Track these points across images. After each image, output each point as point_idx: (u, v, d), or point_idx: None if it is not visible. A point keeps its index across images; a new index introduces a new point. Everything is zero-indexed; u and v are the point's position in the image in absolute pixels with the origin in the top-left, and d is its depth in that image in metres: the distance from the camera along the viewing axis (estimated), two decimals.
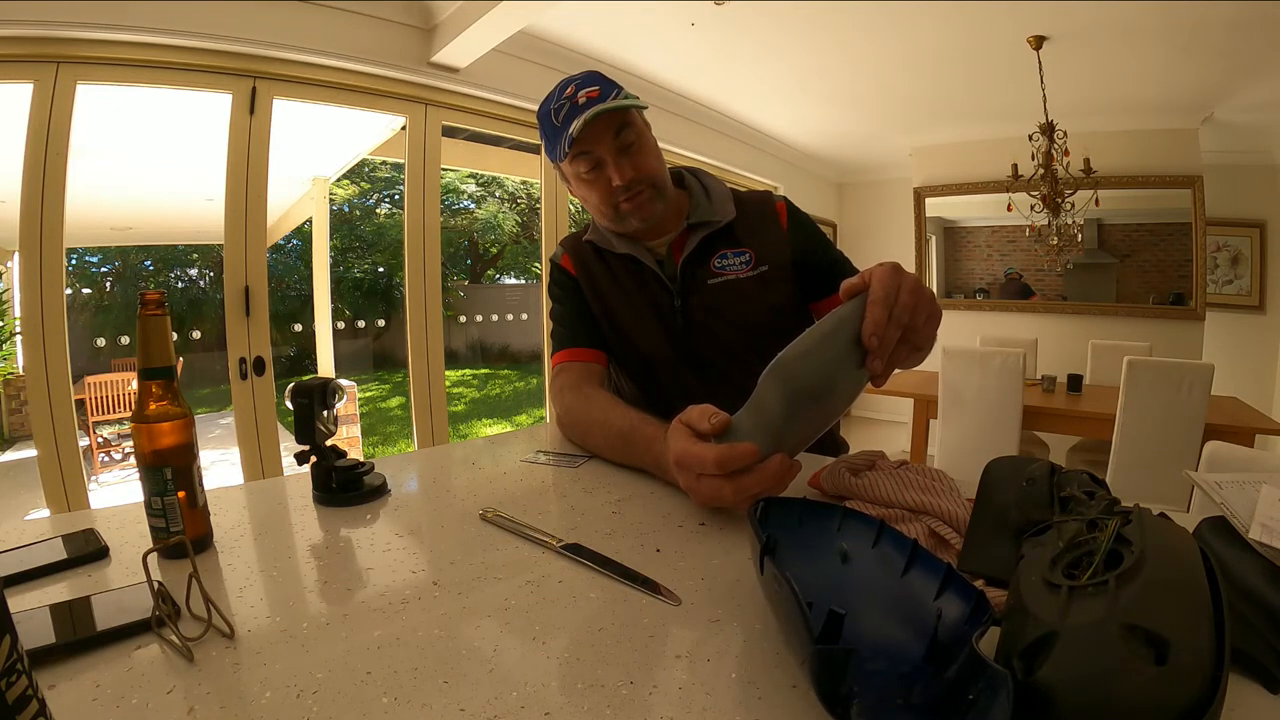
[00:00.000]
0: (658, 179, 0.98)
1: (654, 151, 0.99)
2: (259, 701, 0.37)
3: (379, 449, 6.59)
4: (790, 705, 0.36)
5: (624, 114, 0.94)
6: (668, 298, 1.01)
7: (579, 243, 1.10)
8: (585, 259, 1.08)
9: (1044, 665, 0.31)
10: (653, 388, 1.04)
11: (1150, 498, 2.51)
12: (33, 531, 0.61)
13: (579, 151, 0.93)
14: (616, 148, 0.94)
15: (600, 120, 0.91)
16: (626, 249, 1.03)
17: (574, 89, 0.93)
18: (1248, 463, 0.94)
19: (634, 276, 1.03)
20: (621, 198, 0.96)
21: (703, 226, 1.01)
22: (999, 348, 3.09)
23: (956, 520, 0.56)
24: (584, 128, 0.89)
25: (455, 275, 9.92)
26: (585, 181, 0.97)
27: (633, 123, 0.95)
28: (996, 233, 4.57)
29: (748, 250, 1.01)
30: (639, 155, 0.95)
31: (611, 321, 1.05)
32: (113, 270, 7.22)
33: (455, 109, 2.79)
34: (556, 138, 0.94)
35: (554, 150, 0.96)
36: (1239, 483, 0.50)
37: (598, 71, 0.97)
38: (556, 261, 1.10)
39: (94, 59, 1.93)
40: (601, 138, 0.92)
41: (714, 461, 0.59)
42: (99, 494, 4.09)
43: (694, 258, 1.00)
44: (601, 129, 0.92)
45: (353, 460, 0.72)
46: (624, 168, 0.94)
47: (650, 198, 0.97)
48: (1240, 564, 0.42)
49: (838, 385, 0.61)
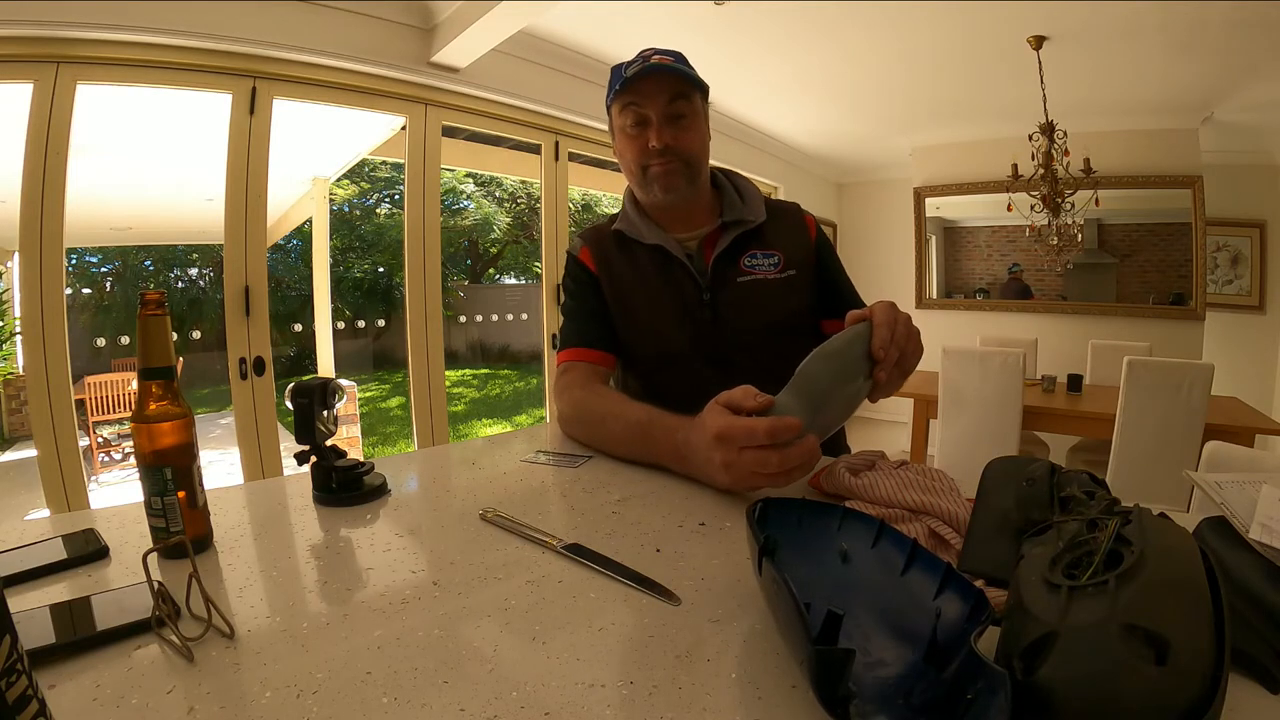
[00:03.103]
0: (693, 160, 1.00)
1: (700, 135, 1.01)
2: (259, 701, 0.37)
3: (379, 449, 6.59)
4: (790, 705, 0.36)
5: (682, 85, 0.97)
6: (696, 291, 1.01)
7: (603, 233, 1.09)
8: (607, 250, 1.07)
9: (1044, 665, 0.31)
10: (665, 383, 1.04)
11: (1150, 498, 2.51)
12: (33, 531, 0.61)
13: (628, 102, 0.97)
14: (666, 113, 0.97)
15: (657, 80, 0.95)
16: (656, 239, 1.03)
17: (652, 51, 0.97)
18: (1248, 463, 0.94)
19: (660, 268, 1.03)
20: (653, 161, 0.98)
21: (736, 225, 1.03)
22: (999, 348, 3.09)
23: (956, 520, 0.56)
24: (639, 80, 0.94)
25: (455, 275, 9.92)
26: (627, 136, 1.00)
27: (689, 99, 0.98)
28: (996, 233, 4.57)
29: (777, 253, 1.03)
30: (683, 130, 0.98)
31: (629, 314, 1.04)
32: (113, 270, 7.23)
33: (455, 109, 2.79)
34: (614, 83, 0.98)
35: (609, 94, 1.00)
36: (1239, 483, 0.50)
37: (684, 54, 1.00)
38: (574, 255, 1.09)
39: (94, 59, 1.93)
40: (654, 98, 0.96)
41: (765, 431, 0.62)
42: (99, 494, 4.09)
43: (726, 254, 1.02)
44: (656, 89, 0.95)
45: (353, 460, 0.72)
46: (665, 133, 0.97)
47: (679, 173, 0.99)
48: (1240, 564, 0.42)
49: (857, 384, 0.70)
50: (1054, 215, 3.34)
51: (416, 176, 2.72)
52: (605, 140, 3.41)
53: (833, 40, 2.91)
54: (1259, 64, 2.91)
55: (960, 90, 3.55)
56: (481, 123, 2.96)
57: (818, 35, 2.85)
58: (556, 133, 3.22)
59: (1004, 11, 2.55)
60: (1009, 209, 3.42)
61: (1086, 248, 4.14)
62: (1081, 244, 3.71)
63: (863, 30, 2.79)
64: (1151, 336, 3.76)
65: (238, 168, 2.22)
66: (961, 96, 3.65)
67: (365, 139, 3.61)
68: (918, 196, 4.77)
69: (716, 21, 2.68)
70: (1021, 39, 2.79)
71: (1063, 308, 4.36)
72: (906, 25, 2.70)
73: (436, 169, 2.78)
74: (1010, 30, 2.73)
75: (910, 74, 3.30)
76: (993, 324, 4.40)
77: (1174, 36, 2.69)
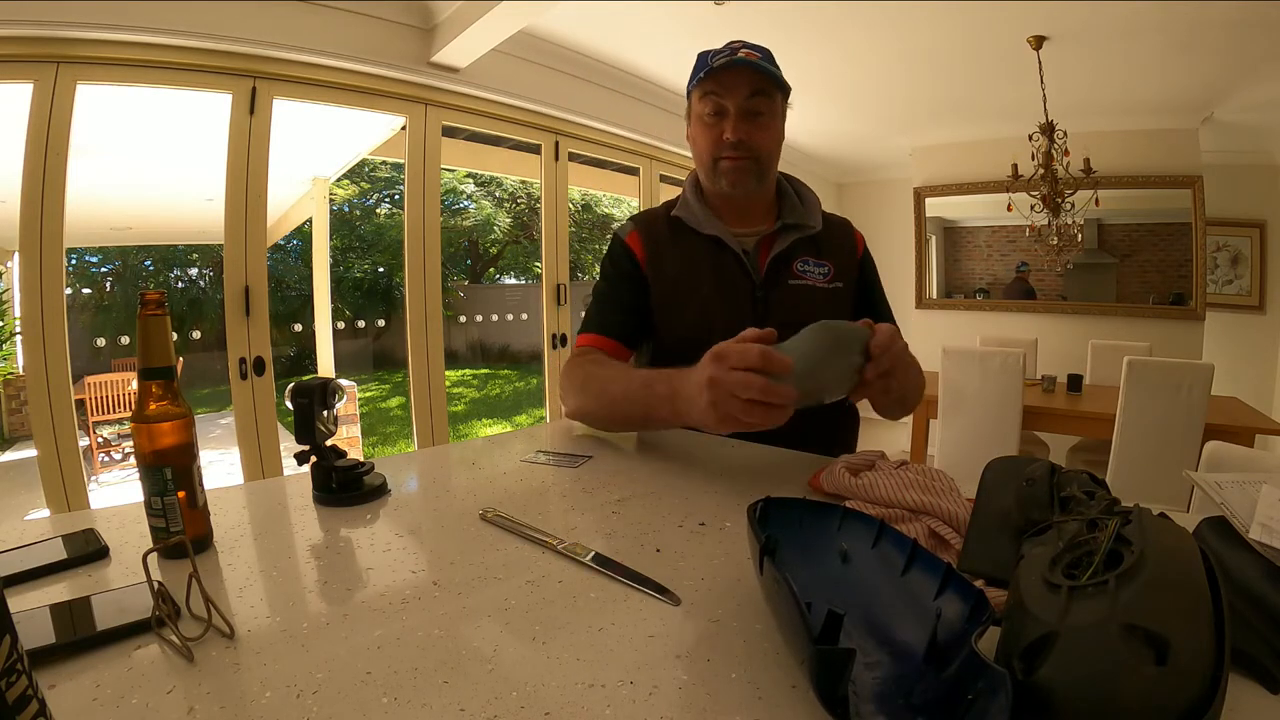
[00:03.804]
0: (764, 159, 1.00)
1: (775, 135, 1.02)
2: (259, 701, 0.37)
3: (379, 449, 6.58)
4: (790, 705, 0.36)
5: (766, 83, 0.97)
6: (749, 287, 1.01)
7: (657, 218, 1.09)
8: (659, 235, 1.06)
9: (1044, 665, 0.31)
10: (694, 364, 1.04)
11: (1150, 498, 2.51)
12: (33, 531, 0.61)
13: (709, 90, 0.98)
14: (744, 107, 0.97)
15: (741, 73, 0.95)
16: (714, 230, 1.03)
17: (740, 44, 0.97)
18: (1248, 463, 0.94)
19: (714, 259, 1.03)
20: (725, 154, 0.98)
21: (795, 229, 1.03)
22: (999, 348, 3.08)
23: (956, 520, 0.56)
24: (723, 71, 0.95)
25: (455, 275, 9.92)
26: (704, 125, 1.01)
27: (771, 98, 0.98)
28: (996, 233, 4.56)
29: (829, 263, 1.04)
30: (760, 128, 0.98)
31: (675, 300, 1.03)
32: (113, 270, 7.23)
33: (455, 109, 2.79)
34: (699, 69, 0.99)
35: (691, 79, 1.01)
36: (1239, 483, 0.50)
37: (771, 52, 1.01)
38: (621, 239, 1.08)
39: (94, 59, 1.93)
40: (735, 90, 0.96)
41: (758, 354, 0.65)
42: (99, 494, 4.09)
43: (781, 256, 1.02)
44: (738, 82, 0.96)
45: (353, 460, 0.72)
46: (740, 127, 0.97)
47: (749, 169, 0.99)
48: (1240, 564, 0.42)
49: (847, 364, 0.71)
50: (1054, 215, 3.34)
51: (416, 176, 2.72)
52: (604, 140, 3.44)
53: (833, 40, 2.91)
54: (1259, 64, 2.91)
55: (960, 90, 3.55)
56: (481, 123, 2.96)
57: (818, 35, 2.85)
58: (556, 133, 3.22)
59: (1004, 11, 2.55)
60: (1009, 209, 3.42)
61: (1086, 248, 4.14)
62: (1081, 244, 3.71)
63: (863, 30, 2.79)
64: (1151, 336, 3.75)
65: (238, 168, 2.22)
66: (961, 96, 3.65)
67: (365, 139, 3.61)
68: (918, 196, 4.77)
69: (716, 21, 2.68)
70: (1021, 39, 2.78)
71: (1063, 308, 4.35)
72: (906, 25, 2.70)
73: (436, 169, 2.78)
74: (1010, 30, 2.72)
75: (910, 74, 3.30)
76: (993, 324, 4.40)
77: (1174, 36, 2.69)
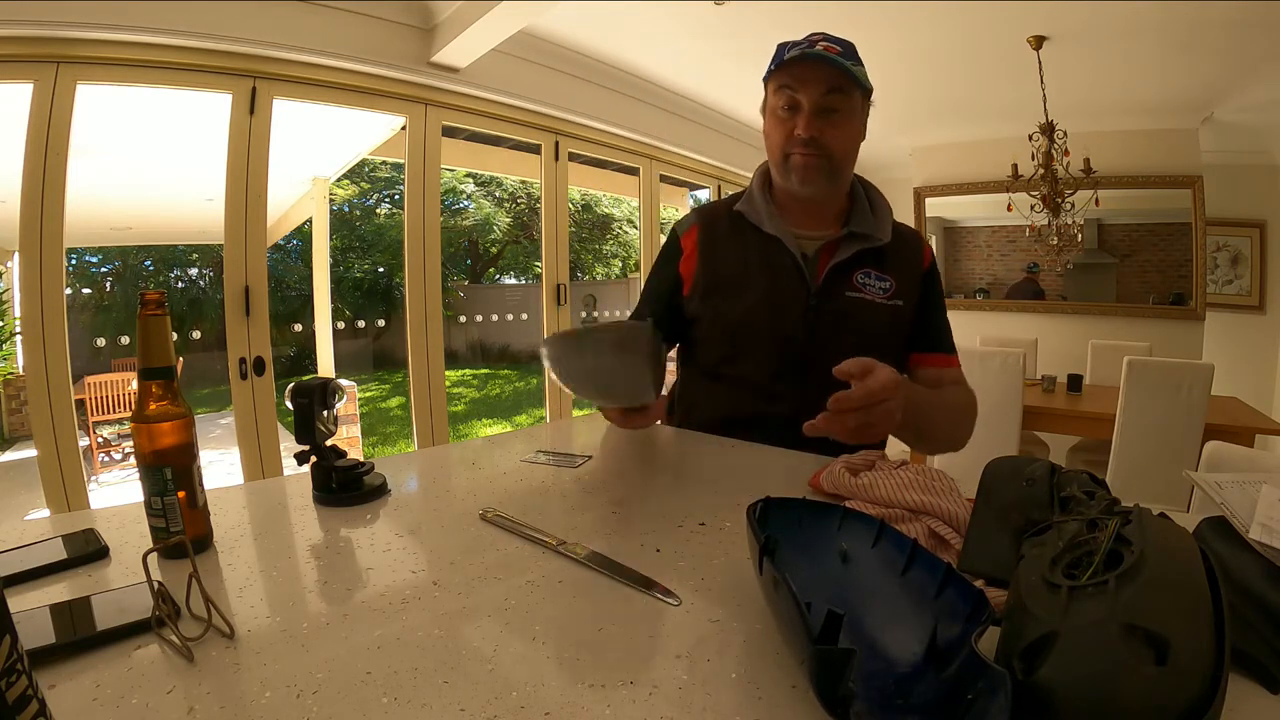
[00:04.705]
0: (838, 158, 0.97)
1: (850, 134, 0.98)
2: (259, 701, 0.37)
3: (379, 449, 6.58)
4: (790, 705, 0.36)
5: (843, 80, 0.93)
6: (803, 295, 0.98)
7: (719, 212, 1.07)
8: (718, 229, 1.05)
9: (1044, 665, 0.31)
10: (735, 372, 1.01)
11: (1150, 498, 2.51)
12: (33, 531, 0.61)
13: (783, 84, 0.95)
14: (819, 104, 0.94)
15: (818, 68, 0.92)
16: (775, 231, 1.00)
17: (820, 36, 0.95)
18: (1248, 463, 0.93)
19: (771, 260, 1.00)
20: (797, 149, 0.95)
21: (860, 239, 0.99)
22: (999, 348, 3.08)
23: (956, 520, 0.56)
24: (799, 64, 0.92)
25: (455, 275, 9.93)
26: (777, 118, 0.98)
27: (848, 95, 0.95)
28: (996, 233, 4.56)
29: (891, 278, 1.00)
30: (834, 125, 0.95)
31: (721, 293, 1.01)
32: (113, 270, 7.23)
33: (455, 109, 2.79)
34: (776, 59, 0.96)
35: (768, 70, 0.98)
36: (1239, 483, 0.50)
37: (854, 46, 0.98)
38: (677, 234, 1.08)
39: (94, 59, 1.93)
40: (811, 84, 0.93)
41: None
42: (99, 494, 4.09)
43: (842, 265, 0.98)
44: (815, 76, 0.93)
45: (353, 460, 0.72)
46: (814, 124, 0.94)
47: (820, 168, 0.96)
48: (1240, 564, 0.42)
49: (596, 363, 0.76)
50: (1054, 215, 3.34)
51: (416, 176, 2.72)
52: (604, 140, 3.44)
53: None
54: (1259, 64, 2.91)
55: (960, 90, 3.54)
56: (481, 123, 2.96)
57: None
58: (556, 133, 3.22)
59: (1004, 11, 2.55)
60: (1009, 209, 3.42)
61: (1086, 248, 4.14)
62: (1081, 244, 3.70)
63: (863, 30, 2.78)
64: (1151, 336, 3.75)
65: (238, 168, 2.22)
66: (961, 96, 3.65)
67: (365, 139, 3.61)
68: (918, 196, 4.77)
69: (716, 21, 2.68)
70: (1021, 39, 2.78)
71: (1063, 308, 4.35)
72: (906, 25, 2.70)
73: (436, 169, 2.78)
74: (1010, 30, 2.72)
75: (910, 74, 3.29)
76: (993, 324, 4.40)
77: (1174, 36, 2.69)
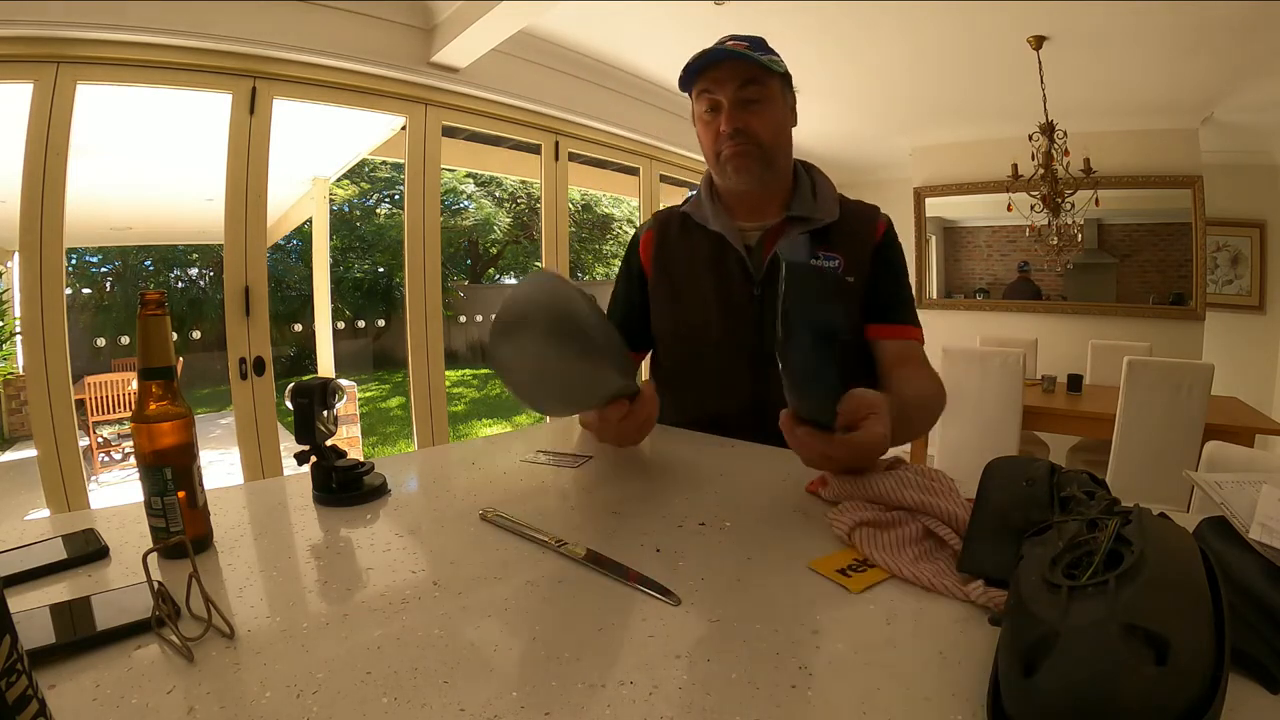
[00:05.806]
0: (766, 144, 0.98)
1: (775, 120, 0.99)
2: (259, 701, 0.37)
3: (379, 449, 6.58)
4: (790, 705, 0.36)
5: (755, 71, 0.95)
6: (747, 285, 1.00)
7: (673, 214, 1.09)
8: (670, 231, 1.07)
9: (1044, 665, 0.31)
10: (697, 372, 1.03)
11: (1150, 498, 2.51)
12: (33, 531, 0.61)
13: (703, 89, 0.97)
14: (737, 98, 0.95)
15: (729, 66, 0.94)
16: (719, 227, 1.02)
17: (728, 37, 0.96)
18: (1248, 463, 0.94)
19: (716, 257, 1.02)
20: (726, 144, 0.97)
21: (802, 222, 1.01)
22: (999, 348, 3.08)
23: (956, 520, 0.56)
24: (711, 66, 0.94)
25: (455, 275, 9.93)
26: (703, 122, 1.00)
27: (764, 85, 0.96)
28: (996, 233, 4.56)
29: (839, 256, 1.00)
30: (756, 114, 0.96)
31: (673, 296, 1.04)
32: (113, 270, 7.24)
33: (455, 109, 2.79)
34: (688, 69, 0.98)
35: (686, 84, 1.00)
36: (1239, 483, 0.50)
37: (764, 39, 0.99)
38: (636, 239, 1.10)
39: (94, 59, 1.93)
40: (726, 83, 0.95)
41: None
42: (99, 494, 4.09)
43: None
44: (728, 75, 0.95)
45: (353, 460, 0.72)
46: (736, 117, 0.95)
47: (751, 155, 0.97)
48: (1240, 564, 0.42)
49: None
50: (1054, 215, 3.34)
51: (416, 176, 2.72)
52: (605, 140, 3.44)
53: (833, 40, 2.90)
54: (1259, 64, 2.91)
55: (960, 90, 3.54)
56: (481, 123, 2.96)
57: (818, 35, 2.84)
58: (556, 133, 3.22)
59: (1004, 11, 2.55)
60: (1009, 209, 3.42)
61: (1086, 248, 4.13)
62: (1081, 244, 3.70)
63: (863, 30, 2.79)
64: (1151, 336, 3.75)
65: (238, 168, 2.22)
66: (961, 96, 3.65)
67: (365, 139, 3.61)
68: (918, 196, 4.77)
69: (717, 21, 2.68)
70: (1021, 39, 2.78)
71: (1063, 308, 4.35)
72: (907, 25, 2.70)
73: (436, 169, 2.78)
74: (1010, 30, 2.72)
75: (910, 74, 3.29)
76: (993, 324, 4.40)
77: (1174, 37, 2.69)
